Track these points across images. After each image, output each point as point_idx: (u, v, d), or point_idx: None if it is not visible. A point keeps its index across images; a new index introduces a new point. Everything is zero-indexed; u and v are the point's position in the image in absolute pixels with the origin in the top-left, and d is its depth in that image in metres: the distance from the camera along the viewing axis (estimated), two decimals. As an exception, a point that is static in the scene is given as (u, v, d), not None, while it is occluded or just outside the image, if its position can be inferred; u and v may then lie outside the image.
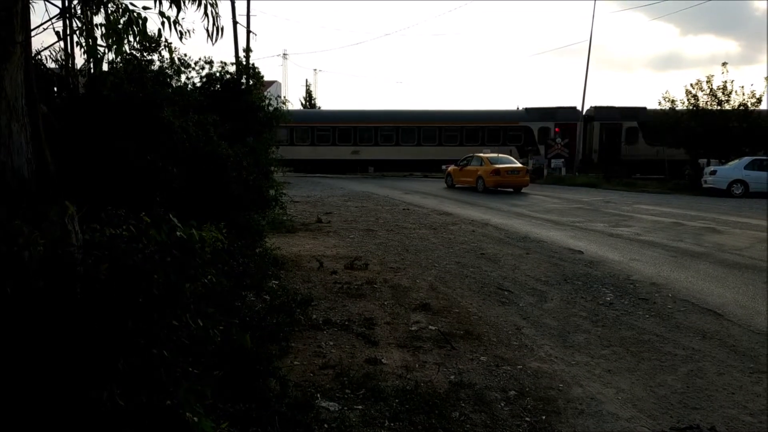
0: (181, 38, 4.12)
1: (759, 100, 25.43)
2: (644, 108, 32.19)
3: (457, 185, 23.83)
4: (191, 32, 4.31)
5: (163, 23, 3.86)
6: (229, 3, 20.92)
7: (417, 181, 28.81)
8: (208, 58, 10.18)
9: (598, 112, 32.71)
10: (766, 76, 29.70)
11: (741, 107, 25.30)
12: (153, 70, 8.11)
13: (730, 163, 22.73)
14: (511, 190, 22.13)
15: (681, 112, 26.17)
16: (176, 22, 3.95)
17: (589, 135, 32.85)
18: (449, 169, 25.01)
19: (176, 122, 5.62)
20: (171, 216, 2.96)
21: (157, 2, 3.87)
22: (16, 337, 2.23)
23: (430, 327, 5.46)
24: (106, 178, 4.56)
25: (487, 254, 9.12)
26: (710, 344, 5.13)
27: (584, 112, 32.06)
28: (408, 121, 33.51)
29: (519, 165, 22.87)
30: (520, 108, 34.52)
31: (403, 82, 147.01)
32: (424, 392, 3.96)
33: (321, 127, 33.11)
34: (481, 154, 23.54)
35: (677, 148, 26.76)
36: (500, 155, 23.58)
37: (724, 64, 25.95)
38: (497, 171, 21.69)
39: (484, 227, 12.20)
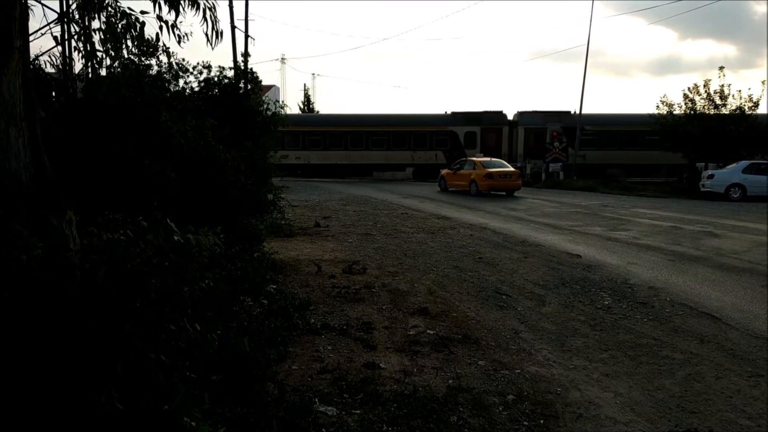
0: (179, 42, 4.13)
1: (756, 104, 25.53)
2: (568, 112, 33.06)
3: (450, 188, 23.93)
4: (189, 36, 4.32)
5: (161, 27, 3.87)
6: (227, 7, 21.00)
7: (415, 185, 28.84)
8: (207, 62, 10.21)
9: (522, 116, 33.49)
10: (764, 79, 29.63)
11: (737, 111, 25.38)
12: (151, 74, 8.11)
13: (728, 166, 22.79)
14: (504, 193, 22.19)
15: (678, 116, 26.25)
16: (174, 26, 3.96)
17: (515, 139, 33.58)
18: (443, 172, 25.13)
19: (174, 126, 5.63)
20: (168, 220, 2.97)
21: (156, 6, 3.88)
22: (15, 340, 2.23)
23: (429, 331, 5.45)
24: (103, 182, 4.56)
25: (485, 258, 9.12)
26: (708, 348, 5.13)
27: (580, 116, 32.07)
28: (332, 126, 33.77)
29: (511, 169, 22.99)
30: (448, 112, 34.88)
31: (401, 86, 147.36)
32: (423, 396, 3.95)
33: None
34: (474, 158, 23.62)
35: (674, 152, 26.85)
36: (493, 159, 23.66)
37: (721, 68, 26.08)
38: (490, 174, 21.75)
39: (482, 231, 12.20)
